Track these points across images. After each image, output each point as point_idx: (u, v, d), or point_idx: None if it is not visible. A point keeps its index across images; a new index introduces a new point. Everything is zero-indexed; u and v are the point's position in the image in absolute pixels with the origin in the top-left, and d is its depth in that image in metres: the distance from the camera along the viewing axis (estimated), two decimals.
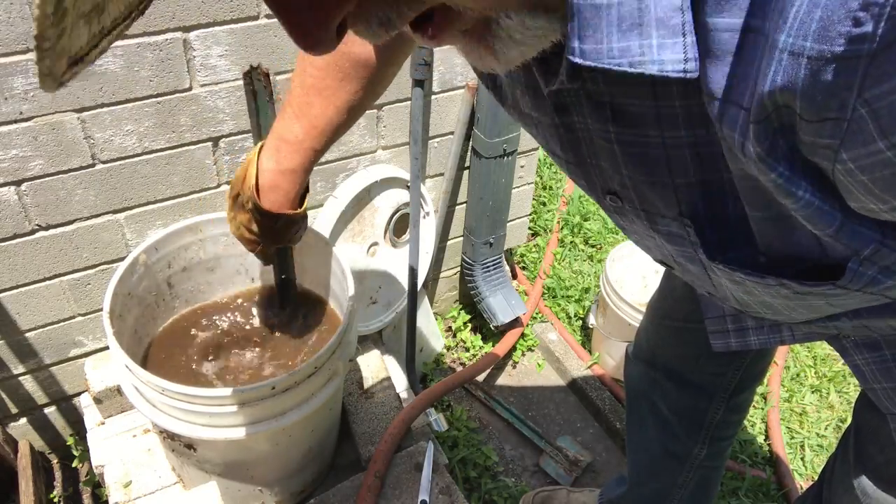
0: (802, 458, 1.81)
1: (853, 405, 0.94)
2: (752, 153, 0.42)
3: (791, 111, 0.38)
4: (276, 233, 1.01)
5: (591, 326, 2.01)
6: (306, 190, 1.00)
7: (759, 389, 1.86)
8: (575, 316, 2.17)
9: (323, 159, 1.54)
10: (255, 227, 0.99)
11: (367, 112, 1.53)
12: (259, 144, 0.96)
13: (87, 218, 1.35)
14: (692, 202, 0.54)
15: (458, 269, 2.05)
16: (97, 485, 1.57)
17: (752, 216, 0.51)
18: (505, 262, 2.02)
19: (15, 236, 1.30)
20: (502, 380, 2.02)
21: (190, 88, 1.29)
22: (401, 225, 1.70)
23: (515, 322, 1.98)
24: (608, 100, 0.50)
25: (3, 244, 1.30)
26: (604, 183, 0.59)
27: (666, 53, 0.41)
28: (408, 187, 1.64)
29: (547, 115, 0.56)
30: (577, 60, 0.43)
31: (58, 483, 1.62)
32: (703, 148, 0.49)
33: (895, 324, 0.66)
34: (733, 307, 0.73)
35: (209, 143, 1.38)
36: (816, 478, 1.76)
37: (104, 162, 1.29)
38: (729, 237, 0.56)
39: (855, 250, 0.48)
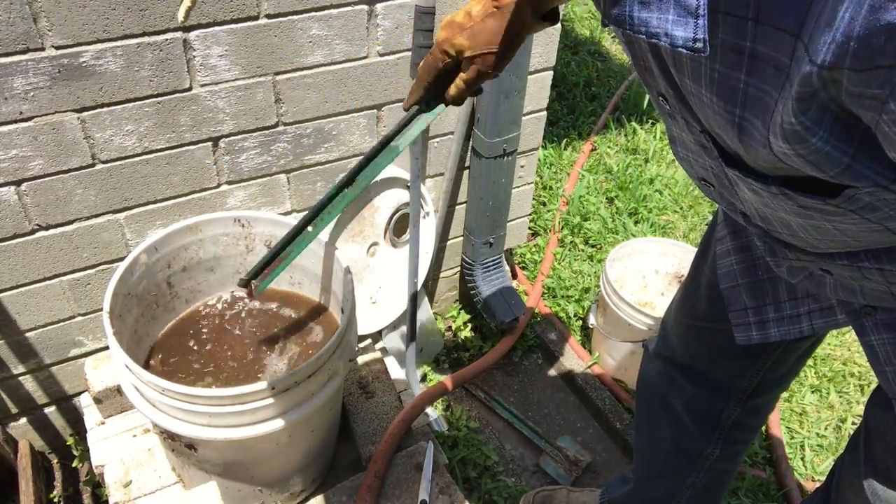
0: (802, 458, 1.81)
1: (865, 405, 0.94)
2: (791, 108, 0.45)
3: (840, 68, 0.40)
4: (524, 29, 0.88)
5: (591, 326, 2.01)
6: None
7: None
8: (575, 316, 2.17)
9: (323, 159, 1.54)
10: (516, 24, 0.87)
11: (367, 112, 1.53)
12: None
13: (87, 218, 1.35)
14: (715, 121, 0.58)
15: (458, 269, 2.05)
16: (97, 485, 1.57)
17: (762, 154, 0.55)
18: (505, 262, 2.02)
19: (15, 236, 1.30)
20: (502, 380, 2.02)
21: (190, 88, 1.29)
22: (401, 225, 1.70)
23: (515, 322, 1.98)
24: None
25: (3, 244, 1.30)
26: (655, 84, 0.65)
27: (679, 30, 0.46)
28: (408, 187, 1.64)
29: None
30: (605, 20, 0.50)
31: (58, 483, 1.62)
32: (729, 82, 0.52)
33: None
34: (761, 229, 0.76)
35: (209, 143, 1.38)
36: (816, 478, 1.77)
37: (104, 162, 1.29)
38: (739, 156, 0.60)
39: (852, 186, 0.51)
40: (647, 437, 1.33)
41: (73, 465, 1.63)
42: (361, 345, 1.64)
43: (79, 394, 1.57)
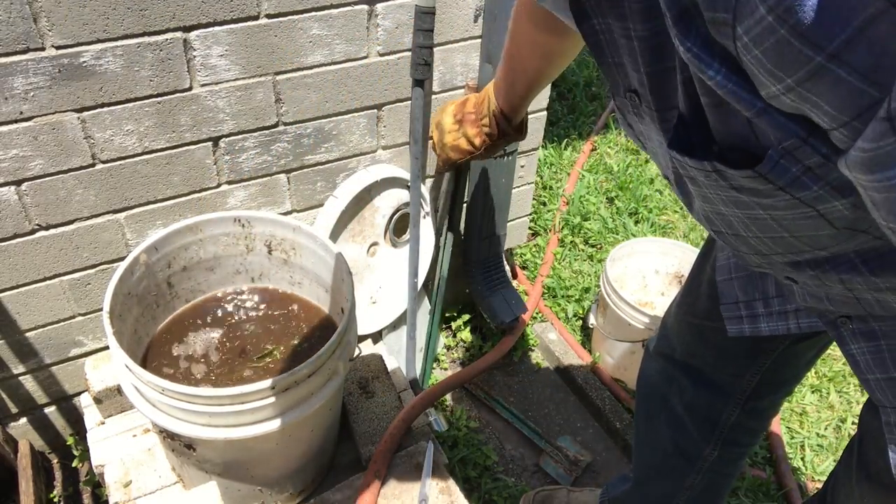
0: (802, 458, 1.81)
1: (860, 411, 0.95)
2: (673, 32, 0.46)
3: None
4: (501, 139, 1.26)
5: (591, 326, 2.01)
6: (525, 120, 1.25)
7: None
8: (575, 316, 2.17)
9: (323, 159, 1.54)
10: (481, 138, 1.26)
11: (367, 112, 1.53)
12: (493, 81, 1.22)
13: (87, 218, 1.35)
14: (684, 92, 0.57)
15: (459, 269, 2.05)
16: (97, 485, 1.58)
17: (703, 102, 0.54)
18: (505, 262, 2.02)
19: (15, 236, 1.30)
20: (502, 380, 2.02)
21: (190, 88, 1.29)
22: (401, 225, 1.70)
23: (515, 322, 1.98)
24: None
25: (3, 244, 1.30)
26: (625, 81, 0.63)
27: None
28: (408, 187, 1.64)
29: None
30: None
31: (58, 483, 1.62)
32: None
33: (851, 286, 0.68)
34: (720, 236, 0.75)
35: (209, 143, 1.38)
36: (816, 478, 1.77)
37: (104, 162, 1.30)
38: (697, 132, 0.59)
39: (778, 139, 0.50)
40: (646, 436, 1.33)
41: (73, 465, 1.63)
42: (361, 345, 1.64)
43: (79, 394, 1.57)
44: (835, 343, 0.83)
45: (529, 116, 1.77)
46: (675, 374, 1.19)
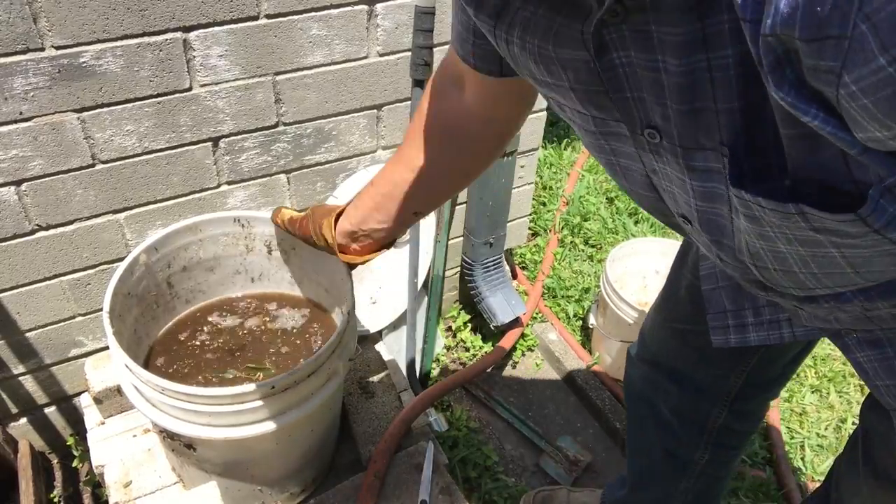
0: (802, 458, 1.81)
1: (860, 407, 0.94)
2: (768, 81, 0.43)
3: (790, 37, 0.38)
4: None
5: (591, 326, 2.01)
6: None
7: None
8: (575, 316, 2.17)
9: (323, 159, 1.54)
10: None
11: (367, 112, 1.53)
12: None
13: (87, 218, 1.35)
14: (733, 128, 0.54)
15: (458, 269, 2.05)
16: (97, 485, 1.58)
17: (783, 134, 0.51)
18: (505, 262, 2.02)
19: (15, 236, 1.30)
20: (502, 380, 2.02)
21: (190, 88, 1.29)
22: None
23: (515, 322, 1.98)
24: (654, 28, 0.50)
25: (3, 244, 1.30)
26: (645, 116, 0.59)
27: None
28: None
29: (579, 56, 0.58)
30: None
31: (58, 483, 1.62)
32: (749, 67, 0.48)
33: None
34: (742, 265, 0.71)
35: (209, 143, 1.38)
36: (816, 478, 1.76)
37: (104, 162, 1.30)
38: (762, 165, 0.56)
39: (880, 176, 0.47)
40: (637, 442, 1.33)
41: (73, 465, 1.63)
42: (361, 345, 1.64)
43: (79, 394, 1.57)
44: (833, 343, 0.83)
45: (530, 117, 1.78)
46: (660, 379, 1.19)
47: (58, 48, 1.14)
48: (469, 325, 2.12)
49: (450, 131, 0.93)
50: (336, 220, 1.06)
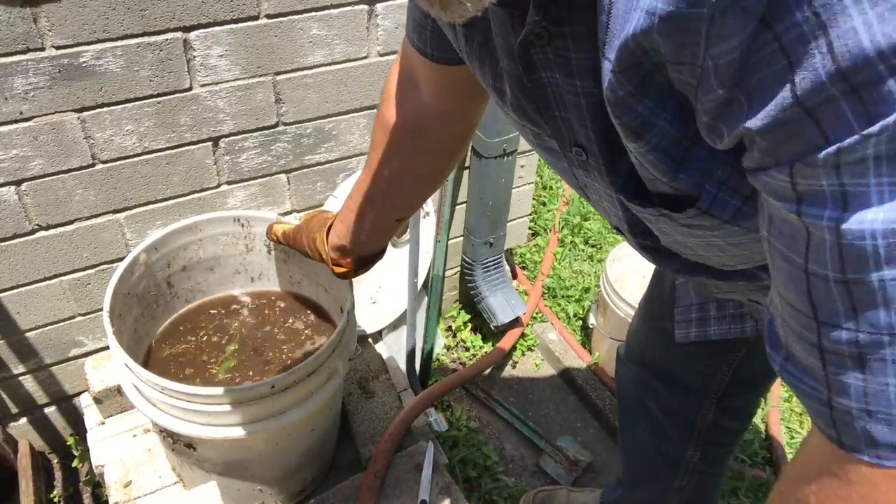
0: None
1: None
2: (616, 96, 0.49)
3: (657, 52, 0.44)
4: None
5: (591, 326, 2.01)
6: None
7: None
8: (575, 316, 2.17)
9: (323, 159, 1.54)
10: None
11: (367, 112, 1.53)
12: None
13: (87, 218, 1.35)
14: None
15: (458, 268, 2.05)
16: (97, 485, 1.58)
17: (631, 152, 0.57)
18: (505, 262, 2.02)
19: (15, 236, 1.30)
20: (502, 380, 2.02)
21: (190, 88, 1.29)
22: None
23: (515, 322, 1.98)
24: (573, 54, 0.53)
25: (3, 244, 1.30)
26: (572, 136, 0.62)
27: None
28: None
29: (514, 70, 0.60)
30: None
31: (58, 483, 1.62)
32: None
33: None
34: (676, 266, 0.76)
35: (209, 143, 1.38)
36: None
37: (104, 162, 1.30)
38: (637, 176, 0.61)
39: (701, 182, 0.54)
40: (631, 441, 1.34)
41: (73, 465, 1.63)
42: (361, 345, 1.64)
43: (79, 394, 1.57)
44: None
45: None
46: (648, 378, 1.20)
47: (58, 48, 1.14)
48: (469, 324, 2.12)
49: (410, 132, 0.91)
50: (328, 234, 1.07)
